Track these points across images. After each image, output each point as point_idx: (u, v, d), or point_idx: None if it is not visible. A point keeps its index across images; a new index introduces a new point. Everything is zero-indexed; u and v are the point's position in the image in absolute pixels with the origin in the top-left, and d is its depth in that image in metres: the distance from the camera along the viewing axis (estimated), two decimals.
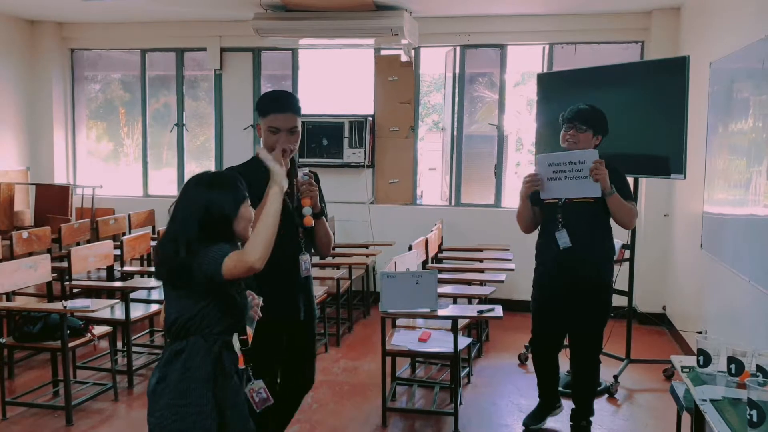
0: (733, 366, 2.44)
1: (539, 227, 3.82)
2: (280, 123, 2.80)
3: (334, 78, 7.41)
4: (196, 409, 2.13)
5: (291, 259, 2.88)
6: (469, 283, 5.19)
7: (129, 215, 6.80)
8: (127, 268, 5.46)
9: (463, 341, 4.28)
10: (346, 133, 6.90)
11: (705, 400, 2.32)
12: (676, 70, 4.51)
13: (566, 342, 3.92)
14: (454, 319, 3.96)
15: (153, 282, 5.12)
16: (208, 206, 2.19)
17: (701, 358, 2.56)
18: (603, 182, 3.47)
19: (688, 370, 2.63)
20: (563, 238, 3.61)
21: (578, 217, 3.60)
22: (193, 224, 2.17)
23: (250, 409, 2.95)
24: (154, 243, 6.02)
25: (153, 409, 2.19)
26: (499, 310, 3.94)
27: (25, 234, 5.67)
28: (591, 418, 3.86)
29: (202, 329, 2.18)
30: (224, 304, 2.21)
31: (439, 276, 4.20)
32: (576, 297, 3.67)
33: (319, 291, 5.11)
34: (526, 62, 7.45)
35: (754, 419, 2.05)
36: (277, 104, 2.84)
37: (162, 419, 2.15)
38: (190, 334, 2.18)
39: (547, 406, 4.02)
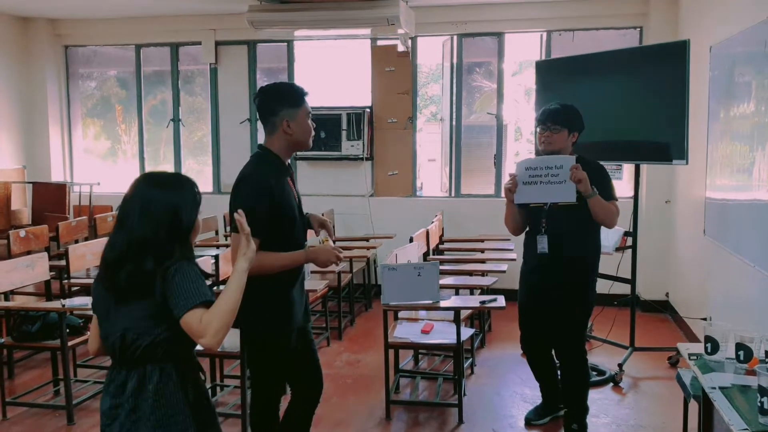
0: (741, 353, 2.41)
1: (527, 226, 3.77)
2: (310, 107, 2.80)
3: (331, 69, 7.35)
4: None
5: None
6: (470, 273, 5.16)
7: None
8: None
9: (466, 332, 4.25)
10: (344, 126, 6.85)
11: (714, 388, 2.28)
12: (676, 54, 4.46)
13: None
14: (457, 310, 3.93)
15: None
16: (176, 210, 2.00)
17: (709, 345, 2.52)
18: (583, 185, 3.41)
19: (695, 357, 2.59)
20: (542, 243, 3.60)
21: (564, 220, 3.55)
22: (160, 230, 1.96)
23: (272, 428, 2.92)
24: None
25: None
26: (501, 300, 3.91)
27: (22, 233, 5.63)
28: (585, 421, 3.70)
29: (168, 355, 1.97)
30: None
31: (441, 267, 4.18)
32: (554, 299, 3.62)
33: (320, 285, 5.06)
34: (523, 51, 7.39)
35: (765, 406, 2.02)
36: (304, 90, 2.80)
37: None
38: (156, 360, 1.96)
39: (549, 404, 3.98)
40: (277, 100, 2.75)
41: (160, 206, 1.99)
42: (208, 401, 2.11)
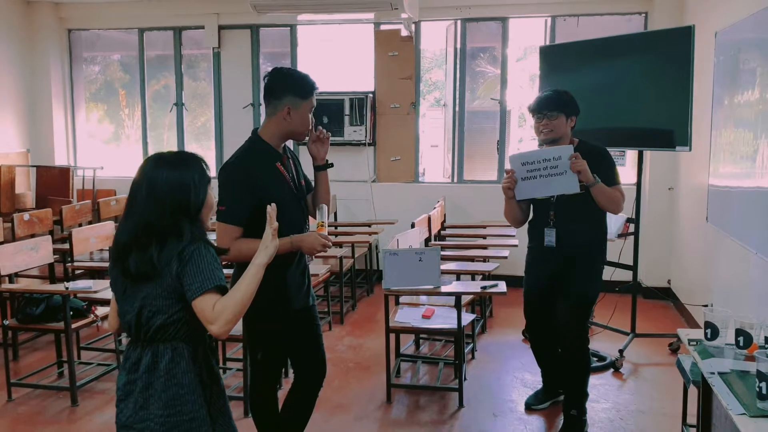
0: (741, 338, 2.41)
1: (531, 215, 3.73)
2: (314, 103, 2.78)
3: (334, 54, 7.32)
4: (189, 416, 1.97)
5: None
6: (472, 259, 5.17)
7: None
8: None
9: (467, 317, 4.27)
10: (347, 111, 6.84)
11: (713, 373, 2.29)
12: (681, 40, 4.44)
13: None
14: (458, 296, 3.95)
15: None
16: (183, 190, 1.98)
17: (709, 331, 2.53)
18: (584, 174, 3.34)
19: (695, 343, 2.60)
20: (550, 236, 3.57)
21: (572, 212, 3.51)
22: (166, 212, 1.96)
23: (271, 409, 2.94)
24: None
25: (133, 419, 1.99)
26: (502, 286, 3.93)
27: (26, 216, 5.65)
28: (585, 406, 3.69)
29: (181, 334, 1.98)
30: None
31: (442, 253, 4.19)
32: (560, 287, 3.63)
33: (322, 270, 5.09)
34: (527, 36, 7.35)
35: (764, 391, 2.02)
36: (315, 85, 2.77)
37: (146, 430, 1.97)
38: (168, 339, 1.98)
39: (549, 389, 4.01)
40: (287, 85, 2.73)
41: (166, 187, 1.97)
42: (219, 383, 2.12)
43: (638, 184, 4.94)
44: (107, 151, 7.99)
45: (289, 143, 3.00)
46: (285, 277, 2.77)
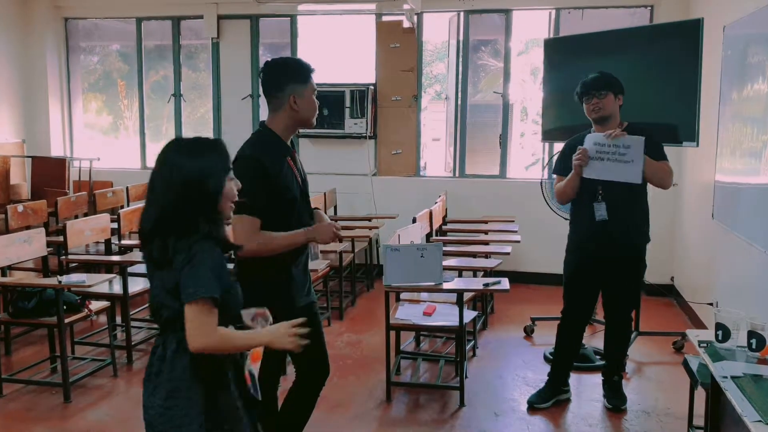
0: (753, 341, 2.34)
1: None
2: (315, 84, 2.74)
3: (335, 45, 7.21)
4: (182, 411, 1.93)
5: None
6: (474, 255, 5.10)
7: (127, 188, 6.68)
8: (125, 242, 5.35)
9: (469, 314, 4.20)
10: (348, 103, 6.74)
11: (726, 377, 2.22)
12: (688, 33, 4.36)
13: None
14: (460, 293, 3.87)
15: None
16: (200, 179, 1.92)
17: (720, 332, 2.46)
18: None
19: (705, 345, 2.53)
20: (600, 211, 3.69)
21: (617, 189, 3.64)
22: (182, 201, 1.91)
23: (270, 408, 2.87)
24: None
25: (146, 404, 2.01)
26: (505, 283, 3.86)
27: (20, 207, 5.56)
28: (622, 374, 3.99)
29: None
30: None
31: (444, 249, 4.11)
32: (610, 265, 3.75)
33: (321, 264, 5.01)
34: (531, 29, 7.25)
35: None
36: (310, 67, 2.73)
37: (151, 418, 1.98)
38: (176, 330, 1.93)
39: (555, 387, 3.95)
40: (284, 75, 2.67)
41: (182, 175, 1.92)
42: (227, 386, 2.01)
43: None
44: (105, 143, 7.89)
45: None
46: (290, 275, 2.71)
